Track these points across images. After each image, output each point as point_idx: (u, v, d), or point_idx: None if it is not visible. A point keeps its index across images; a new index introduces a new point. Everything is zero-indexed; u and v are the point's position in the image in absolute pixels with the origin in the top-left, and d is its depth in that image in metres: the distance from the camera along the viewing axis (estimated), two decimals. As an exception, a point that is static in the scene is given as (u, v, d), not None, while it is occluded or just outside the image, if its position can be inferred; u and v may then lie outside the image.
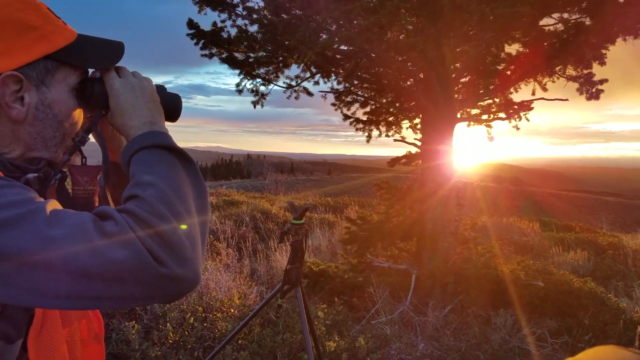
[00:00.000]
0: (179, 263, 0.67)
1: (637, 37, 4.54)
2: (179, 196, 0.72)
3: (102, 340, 0.96)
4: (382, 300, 4.91)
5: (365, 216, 5.79)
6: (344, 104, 5.87)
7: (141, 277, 0.64)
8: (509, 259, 6.49)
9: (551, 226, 12.54)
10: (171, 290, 0.68)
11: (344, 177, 48.31)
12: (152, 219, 0.67)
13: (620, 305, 5.26)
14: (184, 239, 0.68)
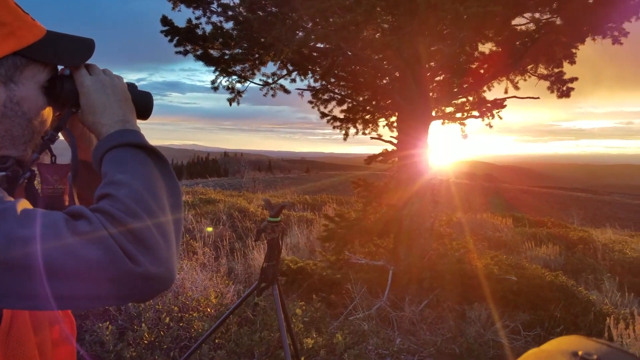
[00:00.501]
0: (154, 262, 0.66)
1: (605, 37, 4.68)
2: (153, 195, 0.72)
3: (73, 341, 0.95)
4: (359, 297, 4.95)
5: (343, 214, 5.82)
6: (321, 101, 5.88)
7: (116, 276, 0.64)
8: (483, 254, 6.62)
9: (524, 222, 12.82)
10: (146, 289, 0.67)
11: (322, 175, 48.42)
12: (126, 218, 0.67)
13: (590, 297, 5.42)
14: (158, 238, 0.68)
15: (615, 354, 0.46)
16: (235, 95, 5.54)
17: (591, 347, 0.47)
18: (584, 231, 11.60)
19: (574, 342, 0.48)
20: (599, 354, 0.45)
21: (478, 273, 5.41)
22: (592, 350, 0.46)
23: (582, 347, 0.47)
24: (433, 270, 5.33)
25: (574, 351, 0.45)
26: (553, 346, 0.49)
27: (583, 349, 0.46)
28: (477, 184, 38.56)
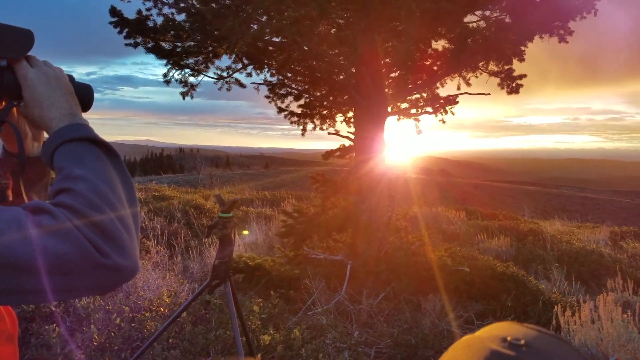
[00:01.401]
0: (120, 253, 0.67)
1: (552, 35, 4.88)
2: (111, 189, 0.72)
3: (15, 341, 0.92)
4: (318, 292, 4.96)
5: (302, 209, 5.80)
6: (278, 96, 5.83)
7: (85, 268, 0.64)
8: (438, 246, 6.78)
9: (476, 215, 13.24)
10: (114, 280, 0.68)
11: (281, 171, 48.17)
12: (89, 211, 0.67)
13: (540, 287, 5.65)
14: (122, 230, 0.69)
15: (543, 338, 0.49)
16: (188, 89, 5.40)
17: (521, 332, 0.49)
18: (534, 223, 12.12)
19: (506, 328, 0.50)
20: (527, 338, 0.47)
21: (432, 265, 5.54)
22: (521, 336, 0.48)
23: (512, 332, 0.49)
24: (390, 263, 5.41)
25: (503, 337, 0.47)
26: (485, 332, 0.50)
27: (512, 335, 0.48)
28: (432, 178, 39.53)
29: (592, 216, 28.14)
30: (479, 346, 0.47)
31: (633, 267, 7.83)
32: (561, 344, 0.50)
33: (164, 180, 20.41)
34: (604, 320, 3.88)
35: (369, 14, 4.06)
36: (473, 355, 0.46)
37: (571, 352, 0.50)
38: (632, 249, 9.62)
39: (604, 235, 11.16)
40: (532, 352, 0.46)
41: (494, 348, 0.46)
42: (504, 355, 0.45)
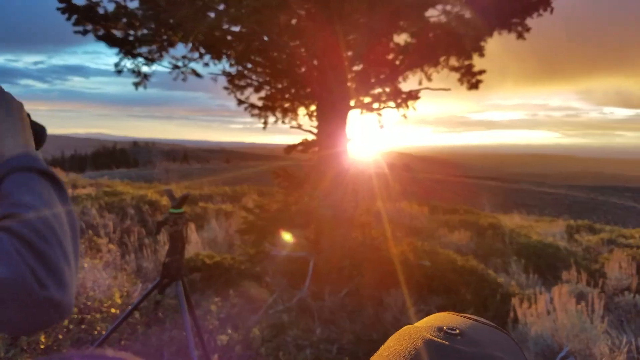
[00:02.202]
0: (60, 287, 0.65)
1: (510, 31, 4.95)
2: (58, 221, 0.71)
3: None
4: (280, 289, 4.87)
5: (264, 205, 5.69)
6: (237, 88, 5.66)
7: (22, 298, 0.61)
8: (400, 241, 6.81)
9: (438, 210, 13.48)
10: (49, 316, 0.65)
11: (243, 166, 47.56)
12: (35, 240, 0.65)
13: (498, 280, 5.77)
14: (63, 263, 0.67)
15: (478, 328, 0.51)
16: (141, 79, 5.16)
17: (457, 322, 0.51)
18: (494, 217, 12.42)
19: (443, 319, 0.53)
20: (462, 328, 0.50)
21: (395, 260, 5.55)
22: (456, 325, 0.50)
23: (449, 322, 0.51)
24: (353, 259, 5.38)
25: (439, 327, 0.49)
26: (423, 323, 0.52)
27: (448, 325, 0.50)
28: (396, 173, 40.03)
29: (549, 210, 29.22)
30: (414, 336, 0.49)
31: (587, 259, 8.13)
32: (496, 333, 0.52)
33: (116, 175, 19.71)
34: (559, 311, 3.99)
35: (329, 5, 3.98)
36: (408, 345, 0.48)
37: (505, 340, 0.52)
38: (586, 242, 10.01)
39: (560, 228, 11.57)
40: (466, 341, 0.47)
41: (429, 337, 0.48)
42: (438, 345, 0.47)
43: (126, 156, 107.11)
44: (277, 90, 5.65)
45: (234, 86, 5.64)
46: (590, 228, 12.20)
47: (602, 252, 8.86)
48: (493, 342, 0.49)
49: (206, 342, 3.30)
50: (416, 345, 0.47)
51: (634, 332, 4.90)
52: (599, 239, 10.15)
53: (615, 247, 8.93)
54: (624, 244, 9.56)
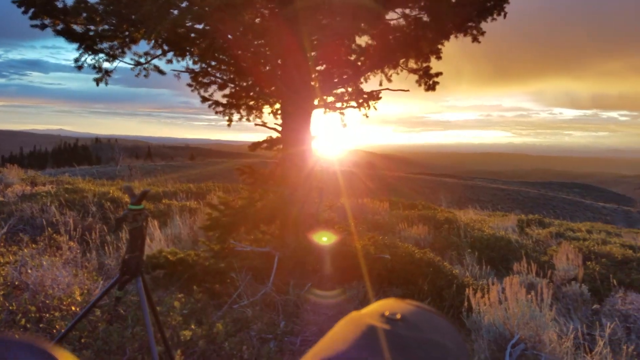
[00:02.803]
0: None
1: (466, 35, 5.17)
2: None
3: None
4: (245, 284, 4.92)
5: (228, 201, 5.70)
6: (201, 85, 5.63)
7: None
8: (363, 235, 6.98)
9: (399, 205, 13.77)
10: None
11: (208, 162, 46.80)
12: None
13: (454, 271, 6.00)
14: None
15: (419, 313, 0.53)
16: (102, 75, 5.05)
17: (400, 308, 0.53)
18: (450, 212, 12.83)
19: (387, 305, 0.54)
20: (404, 313, 0.51)
21: (357, 253, 5.70)
22: (399, 311, 0.51)
23: (392, 308, 0.52)
24: (317, 253, 5.49)
25: (382, 312, 0.51)
26: (369, 309, 0.53)
27: (391, 310, 0.51)
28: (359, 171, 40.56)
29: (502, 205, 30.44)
30: (358, 322, 0.50)
31: (537, 251, 8.57)
32: (436, 318, 0.54)
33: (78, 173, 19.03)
34: (510, 300, 4.19)
35: (293, 5, 4.05)
36: (351, 330, 0.49)
37: (445, 325, 0.54)
38: (536, 235, 10.52)
39: (512, 222, 12.10)
40: (406, 326, 0.49)
41: (371, 323, 0.49)
42: (380, 329, 0.48)
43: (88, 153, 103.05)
44: (241, 88, 5.67)
45: (197, 83, 5.61)
46: (540, 222, 12.82)
47: (551, 244, 9.36)
48: (433, 327, 0.52)
49: (169, 337, 3.33)
50: (359, 331, 0.48)
51: (580, 319, 5.22)
52: (548, 232, 10.70)
53: (563, 239, 9.45)
54: (571, 236, 10.13)
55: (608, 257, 7.60)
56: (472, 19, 5.00)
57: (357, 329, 0.49)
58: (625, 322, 4.94)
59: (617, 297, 5.34)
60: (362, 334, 0.48)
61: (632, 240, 10.71)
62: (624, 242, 9.48)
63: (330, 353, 0.46)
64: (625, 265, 7.31)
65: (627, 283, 6.35)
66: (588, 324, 5.05)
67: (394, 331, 0.48)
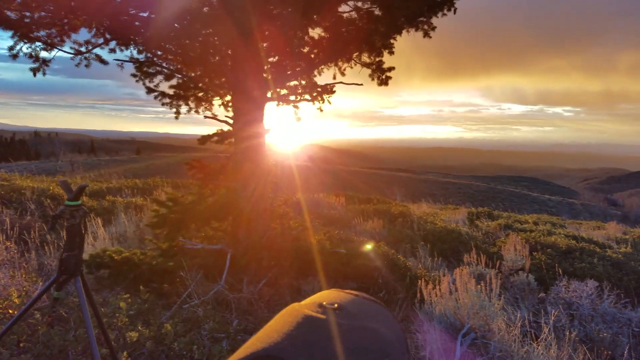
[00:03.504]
0: None
1: (417, 30, 5.21)
2: None
3: None
4: (195, 283, 4.76)
5: (177, 197, 5.50)
6: (146, 75, 5.37)
7: None
8: (318, 230, 6.96)
9: (354, 200, 13.90)
10: None
11: (155, 157, 45.40)
12: None
13: (407, 264, 6.09)
14: None
15: (357, 302, 0.54)
16: (40, 64, 4.71)
17: (339, 298, 0.54)
18: (404, 206, 13.07)
19: (327, 295, 0.55)
20: (342, 303, 0.53)
21: (312, 248, 5.66)
22: (336, 300, 0.53)
23: (332, 298, 0.54)
24: (271, 249, 5.40)
25: (321, 302, 0.52)
26: (309, 300, 0.55)
27: (330, 300, 0.53)
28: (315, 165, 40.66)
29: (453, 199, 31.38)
30: (295, 313, 0.51)
31: (486, 243, 8.86)
32: (375, 307, 0.56)
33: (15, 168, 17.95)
34: (460, 291, 4.28)
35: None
36: (289, 320, 0.50)
37: (383, 313, 0.56)
38: (485, 227, 10.88)
39: (462, 215, 12.47)
40: (342, 314, 0.50)
41: (308, 313, 0.50)
42: (316, 319, 0.49)
43: (26, 148, 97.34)
44: (189, 78, 5.46)
45: (142, 73, 5.34)
46: (489, 215, 13.28)
47: (500, 236, 9.70)
48: (370, 315, 0.53)
49: (115, 339, 3.16)
50: (295, 321, 0.49)
51: (527, 308, 5.42)
52: (497, 224, 11.09)
53: (511, 231, 9.82)
54: (519, 228, 10.54)
55: (553, 248, 7.96)
56: (423, 13, 5.04)
57: (293, 320, 0.50)
58: (569, 310, 5.16)
59: (561, 285, 5.56)
60: (296, 324, 0.49)
61: (575, 231, 11.29)
62: (568, 233, 9.97)
63: (262, 345, 0.46)
64: (569, 254, 7.67)
65: (570, 272, 6.67)
66: (534, 312, 5.24)
67: (329, 320, 0.49)
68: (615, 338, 4.53)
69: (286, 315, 0.52)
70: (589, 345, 4.38)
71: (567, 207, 38.67)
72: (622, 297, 5.84)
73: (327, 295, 0.55)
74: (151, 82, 5.38)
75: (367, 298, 0.57)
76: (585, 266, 6.96)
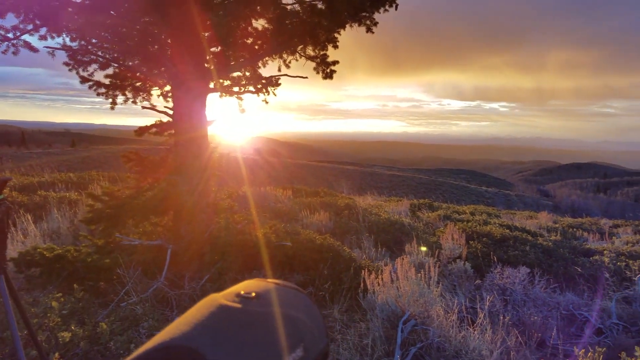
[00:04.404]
0: None
1: (360, 25, 5.26)
2: None
3: None
4: (133, 280, 4.60)
5: (113, 191, 5.27)
6: (80, 63, 5.08)
7: None
8: (264, 224, 6.91)
9: (302, 193, 13.93)
10: None
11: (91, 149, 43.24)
12: None
13: (352, 255, 6.19)
14: None
15: (278, 290, 0.55)
16: (-43, 49, 4.34)
17: (259, 287, 0.54)
18: (350, 199, 13.26)
19: (249, 285, 0.55)
20: (260, 291, 0.53)
21: (258, 242, 5.62)
22: (255, 290, 0.53)
23: (250, 288, 0.53)
24: (215, 244, 5.31)
25: (238, 292, 0.52)
26: (229, 290, 0.54)
27: (249, 289, 0.53)
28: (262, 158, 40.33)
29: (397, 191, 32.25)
30: (211, 302, 0.51)
31: (426, 233, 9.17)
32: (297, 295, 0.57)
33: None
34: (401, 279, 4.40)
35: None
36: (203, 311, 0.49)
37: (304, 301, 0.56)
38: (426, 218, 11.27)
39: (405, 207, 12.83)
40: (259, 303, 0.50)
41: (223, 303, 0.50)
42: (230, 308, 0.49)
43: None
44: (126, 67, 5.23)
45: (76, 62, 5.04)
46: (430, 206, 13.76)
47: (439, 226, 10.09)
48: (289, 303, 0.53)
49: (46, 340, 3.00)
50: (209, 311, 0.49)
51: (464, 294, 5.66)
52: (437, 215, 11.52)
53: (449, 221, 10.23)
54: (457, 218, 11.00)
55: (488, 237, 8.37)
56: (366, 8, 5.10)
57: (206, 310, 0.49)
58: (503, 295, 5.45)
59: (495, 272, 5.85)
60: (209, 314, 0.48)
61: (509, 221, 11.94)
62: (502, 223, 10.52)
63: (170, 335, 0.46)
64: (503, 243, 8.10)
65: (504, 259, 7.04)
66: (471, 298, 5.47)
67: (245, 308, 0.49)
68: (545, 321, 4.81)
69: (202, 305, 0.51)
70: (521, 328, 4.62)
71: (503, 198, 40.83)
72: (551, 282, 6.24)
73: (247, 285, 0.55)
74: (85, 70, 5.10)
75: (289, 286, 0.58)
76: (518, 254, 7.38)
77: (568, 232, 12.05)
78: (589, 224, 14.55)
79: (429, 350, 3.80)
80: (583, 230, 12.65)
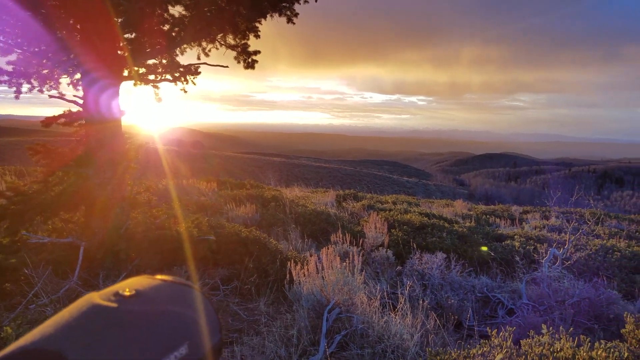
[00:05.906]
0: None
1: (281, 15, 5.24)
2: None
3: None
4: (43, 281, 4.28)
5: (18, 186, 4.85)
6: (-25, 48, 4.59)
7: None
8: (187, 218, 6.70)
9: (227, 185, 13.68)
10: None
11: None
12: None
13: (279, 247, 6.19)
14: None
15: (162, 287, 0.54)
16: None
17: (143, 284, 0.53)
18: (277, 190, 13.24)
19: (131, 282, 0.53)
20: (142, 289, 0.51)
21: (179, 237, 5.45)
22: (138, 287, 0.51)
23: (135, 285, 0.52)
24: (131, 240, 5.07)
25: (116, 291, 0.50)
26: (109, 288, 0.53)
27: (130, 287, 0.51)
28: (185, 150, 39.03)
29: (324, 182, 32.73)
30: (84, 303, 0.49)
31: (351, 222, 9.41)
32: (184, 290, 0.55)
33: None
34: (326, 269, 4.48)
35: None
36: (70, 312, 0.47)
37: (192, 296, 0.55)
38: (351, 208, 11.55)
39: (331, 198, 13.05)
40: (139, 301, 0.49)
41: (96, 302, 0.48)
42: (104, 308, 0.47)
43: None
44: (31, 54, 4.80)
45: (-31, 45, 4.55)
46: (355, 196, 14.11)
47: (363, 216, 10.39)
48: (173, 299, 0.52)
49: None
50: (79, 311, 0.47)
51: (386, 280, 5.87)
52: (361, 205, 11.85)
53: (373, 211, 10.57)
54: (379, 208, 11.38)
55: (409, 224, 8.76)
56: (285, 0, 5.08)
57: (77, 311, 0.47)
58: (422, 280, 5.72)
59: (415, 258, 6.13)
60: (79, 314, 0.46)
61: (428, 209, 12.57)
62: (421, 211, 11.05)
63: (32, 338, 0.43)
64: (422, 230, 8.52)
65: (423, 246, 7.41)
66: (393, 284, 5.69)
67: (120, 308, 0.47)
68: (462, 303, 5.12)
69: (75, 305, 0.49)
70: (439, 311, 4.89)
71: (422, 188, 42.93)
72: (466, 267, 6.66)
73: (131, 282, 0.53)
74: (-18, 56, 4.61)
75: (178, 282, 0.56)
76: (436, 240, 7.80)
77: (482, 218, 12.92)
78: (501, 210, 15.70)
79: (353, 337, 3.91)
80: (496, 216, 13.63)
